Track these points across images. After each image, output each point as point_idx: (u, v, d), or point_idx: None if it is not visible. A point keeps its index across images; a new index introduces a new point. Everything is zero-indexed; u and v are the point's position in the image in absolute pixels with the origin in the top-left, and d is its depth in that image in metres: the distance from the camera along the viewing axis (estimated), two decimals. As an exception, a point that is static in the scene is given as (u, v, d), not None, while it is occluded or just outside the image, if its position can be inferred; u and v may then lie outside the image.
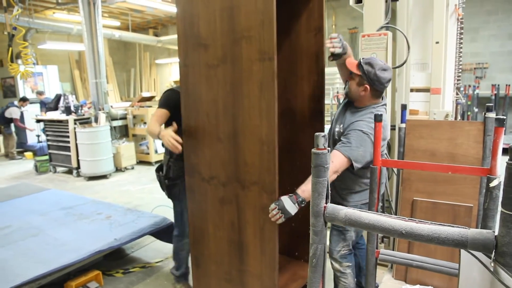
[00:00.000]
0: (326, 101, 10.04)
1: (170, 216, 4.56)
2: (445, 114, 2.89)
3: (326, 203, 1.16)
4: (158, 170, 2.98)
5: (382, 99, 2.30)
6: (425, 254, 2.34)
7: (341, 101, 2.63)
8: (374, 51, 2.95)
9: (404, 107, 2.52)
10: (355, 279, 2.50)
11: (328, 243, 2.44)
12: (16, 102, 8.87)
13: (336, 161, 1.98)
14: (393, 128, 3.18)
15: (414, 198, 2.53)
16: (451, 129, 2.42)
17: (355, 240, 2.48)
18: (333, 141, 2.28)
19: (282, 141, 2.58)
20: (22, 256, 2.75)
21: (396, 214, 2.95)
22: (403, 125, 2.53)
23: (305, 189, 1.95)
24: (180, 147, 2.27)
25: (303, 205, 1.94)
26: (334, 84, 10.32)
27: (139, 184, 6.46)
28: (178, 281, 3.02)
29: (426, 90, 3.73)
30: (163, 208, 4.77)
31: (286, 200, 1.91)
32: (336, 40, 2.18)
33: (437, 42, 2.85)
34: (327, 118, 8.18)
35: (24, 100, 8.96)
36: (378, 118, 1.83)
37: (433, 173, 2.43)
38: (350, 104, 2.33)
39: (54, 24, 10.24)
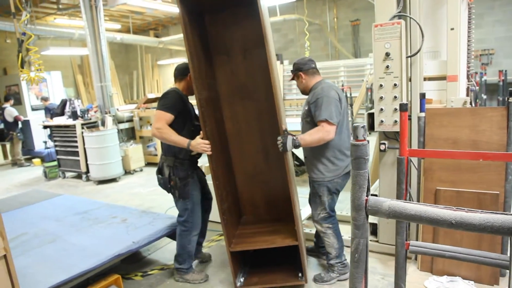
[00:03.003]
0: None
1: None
2: (463, 101, 2.84)
3: (367, 195, 1.13)
4: (159, 173, 3.03)
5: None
6: (451, 243, 2.31)
7: (347, 93, 3.14)
8: (388, 40, 2.89)
9: (423, 95, 2.47)
10: (339, 239, 2.93)
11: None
12: (6, 105, 8.92)
13: (325, 129, 2.61)
14: (409, 118, 3.13)
15: (437, 188, 2.49)
16: (472, 116, 2.37)
17: (331, 205, 2.90)
18: (305, 121, 2.89)
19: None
20: (42, 263, 2.73)
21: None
22: (423, 114, 2.48)
23: (304, 138, 2.62)
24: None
25: (296, 147, 2.60)
26: (338, 77, 10.25)
27: (149, 186, 6.44)
28: (187, 272, 3.12)
29: (439, 78, 3.68)
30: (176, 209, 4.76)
31: (289, 139, 2.56)
32: (278, 143, 2.61)
33: (452, 29, 2.79)
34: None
35: (7, 99, 9.11)
36: (403, 108, 1.78)
37: (456, 162, 2.39)
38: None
39: (55, 30, 10.24)
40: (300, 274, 2.94)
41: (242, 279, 2.97)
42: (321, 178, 2.85)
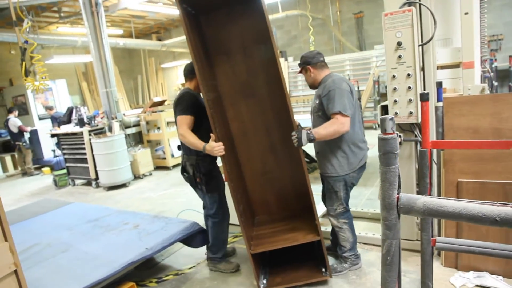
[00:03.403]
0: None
1: (197, 220, 4.49)
2: (481, 88, 2.72)
3: (398, 193, 1.04)
4: (183, 171, 3.13)
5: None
6: (476, 238, 2.20)
7: (357, 87, 3.08)
8: (399, 29, 2.79)
9: (439, 84, 2.37)
10: (353, 233, 2.92)
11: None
12: (10, 116, 8.94)
13: (339, 121, 2.55)
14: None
15: (459, 180, 2.39)
16: (494, 103, 2.27)
17: (347, 199, 2.87)
18: (316, 115, 2.84)
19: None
20: (55, 274, 2.68)
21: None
22: (440, 104, 2.38)
23: (318, 132, 2.55)
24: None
25: (311, 142, 2.55)
26: (344, 71, 10.12)
27: (159, 190, 6.40)
28: (220, 261, 3.23)
29: (452, 66, 3.57)
30: (188, 212, 4.70)
31: (303, 133, 2.52)
32: (293, 138, 2.57)
33: (466, 13, 2.68)
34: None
35: (10, 111, 9.10)
36: (424, 97, 1.69)
37: (478, 151, 2.28)
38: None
39: (59, 38, 10.26)
40: (323, 269, 2.89)
41: (264, 281, 2.91)
42: (336, 174, 2.80)
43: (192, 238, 3.35)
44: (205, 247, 3.39)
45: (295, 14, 11.14)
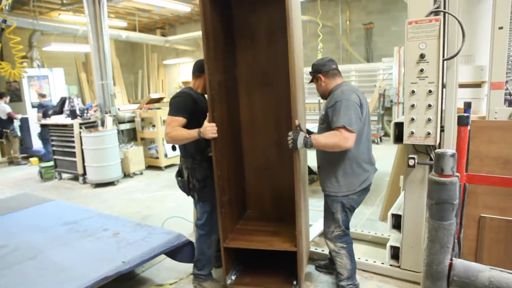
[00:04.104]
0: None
1: (185, 229, 4.17)
2: (510, 113, 2.44)
3: (451, 258, 0.74)
4: (178, 175, 2.92)
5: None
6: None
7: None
8: (424, 40, 2.51)
9: (468, 105, 2.08)
10: (352, 260, 2.69)
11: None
12: (0, 102, 8.59)
13: (343, 135, 2.32)
14: (442, 129, 2.75)
15: (482, 215, 2.10)
16: (530, 131, 1.98)
17: (345, 222, 2.65)
18: (320, 128, 2.66)
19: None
20: (17, 285, 2.37)
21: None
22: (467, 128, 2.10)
23: (317, 139, 2.37)
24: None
25: (307, 147, 2.40)
26: (350, 82, 9.85)
27: (148, 191, 6.08)
28: (205, 279, 2.97)
29: (474, 85, 3.30)
30: (176, 220, 4.39)
31: (300, 136, 2.37)
32: (288, 138, 2.43)
33: (500, 28, 2.40)
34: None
35: (1, 97, 8.72)
36: (464, 121, 1.40)
37: (508, 185, 1.99)
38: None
39: (59, 26, 9.95)
40: (295, 283, 2.77)
41: (233, 277, 2.88)
42: (333, 193, 2.60)
43: (177, 250, 3.06)
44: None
45: (304, 19, 10.88)
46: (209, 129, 2.52)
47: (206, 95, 2.92)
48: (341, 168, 2.55)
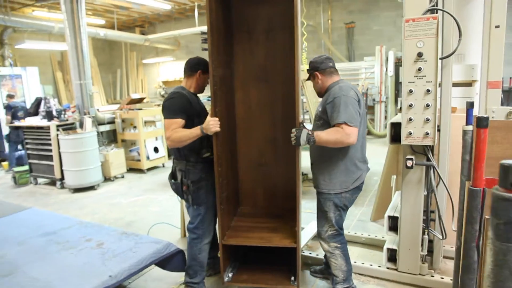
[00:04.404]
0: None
1: (172, 235, 4.00)
2: (507, 112, 2.40)
3: None
4: (172, 177, 2.83)
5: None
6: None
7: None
8: (421, 38, 2.44)
9: (470, 105, 2.01)
10: (347, 260, 2.65)
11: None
12: None
13: (345, 131, 2.29)
14: (438, 129, 2.70)
15: (486, 217, 2.03)
16: (535, 132, 1.93)
17: (339, 222, 2.62)
18: (315, 124, 2.63)
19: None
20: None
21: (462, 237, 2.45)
22: (470, 128, 2.03)
23: (319, 135, 2.34)
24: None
25: (310, 144, 2.35)
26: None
27: (131, 195, 5.86)
28: (198, 287, 2.85)
29: (465, 84, 3.28)
30: (162, 227, 4.21)
31: (303, 133, 2.34)
32: (292, 135, 2.40)
33: (497, 26, 2.36)
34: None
35: None
36: (483, 123, 1.31)
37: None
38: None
39: (33, 22, 9.53)
40: (292, 278, 2.76)
41: (230, 274, 2.84)
42: (326, 190, 2.57)
43: (167, 260, 2.90)
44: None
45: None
46: (212, 123, 2.46)
47: (198, 95, 2.86)
48: (335, 165, 2.52)
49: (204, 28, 2.69)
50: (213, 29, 2.49)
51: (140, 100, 7.96)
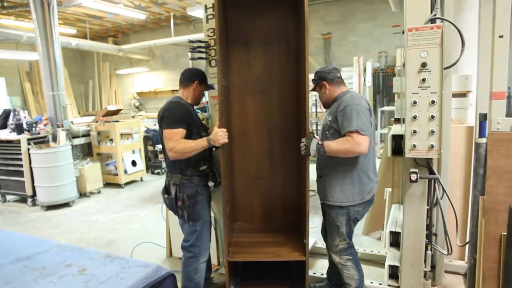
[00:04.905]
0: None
1: (159, 255, 3.77)
2: (512, 123, 2.35)
3: None
4: (165, 192, 2.72)
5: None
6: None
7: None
8: (425, 48, 2.38)
9: (483, 117, 1.95)
10: (359, 269, 2.62)
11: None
12: None
13: (355, 140, 2.24)
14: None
15: (503, 233, 1.96)
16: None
17: (350, 234, 2.59)
18: (324, 135, 2.56)
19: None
20: None
21: (475, 254, 2.37)
22: (483, 140, 1.97)
23: (329, 145, 2.31)
24: None
25: (320, 153, 2.32)
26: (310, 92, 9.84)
27: (109, 212, 5.54)
28: None
29: (459, 95, 3.27)
30: (145, 246, 3.95)
31: (313, 142, 2.33)
32: (301, 145, 2.38)
33: (501, 36, 2.33)
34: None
35: None
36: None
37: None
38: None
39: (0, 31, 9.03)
40: None
41: None
42: (338, 203, 2.50)
43: (157, 285, 2.66)
44: None
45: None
46: (220, 134, 2.40)
47: (195, 106, 2.76)
48: (347, 176, 2.46)
49: (184, 38, 2.67)
50: (222, 38, 2.47)
51: (116, 112, 7.65)
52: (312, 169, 2.58)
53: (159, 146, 7.27)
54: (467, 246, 2.69)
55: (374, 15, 10.58)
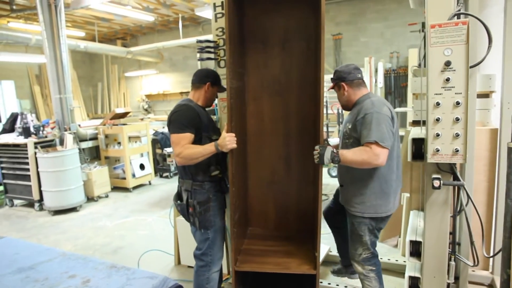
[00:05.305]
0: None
1: (167, 262, 3.65)
2: (544, 126, 2.18)
3: None
4: (177, 198, 2.66)
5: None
6: None
7: (339, 110, 2.97)
8: (449, 46, 2.21)
9: (517, 119, 1.78)
10: (381, 282, 2.50)
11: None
12: None
13: (373, 151, 2.12)
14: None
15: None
16: None
17: (374, 243, 2.47)
18: (344, 143, 2.46)
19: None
20: None
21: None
22: (516, 145, 1.81)
23: (345, 155, 2.17)
24: None
25: (335, 162, 2.17)
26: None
27: (117, 217, 5.44)
28: None
29: (481, 95, 3.09)
30: (153, 254, 3.84)
31: (328, 151, 2.17)
32: (315, 153, 2.24)
33: (531, 32, 2.16)
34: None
35: None
36: None
37: None
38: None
39: (8, 34, 9.03)
40: None
41: None
42: (360, 214, 2.41)
43: (162, 298, 2.54)
44: None
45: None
46: (228, 139, 2.29)
47: (207, 109, 2.65)
48: (369, 187, 2.35)
49: (192, 40, 2.52)
50: (231, 38, 2.35)
51: (124, 115, 7.57)
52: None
53: (168, 149, 7.20)
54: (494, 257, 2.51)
55: (385, 15, 10.38)
